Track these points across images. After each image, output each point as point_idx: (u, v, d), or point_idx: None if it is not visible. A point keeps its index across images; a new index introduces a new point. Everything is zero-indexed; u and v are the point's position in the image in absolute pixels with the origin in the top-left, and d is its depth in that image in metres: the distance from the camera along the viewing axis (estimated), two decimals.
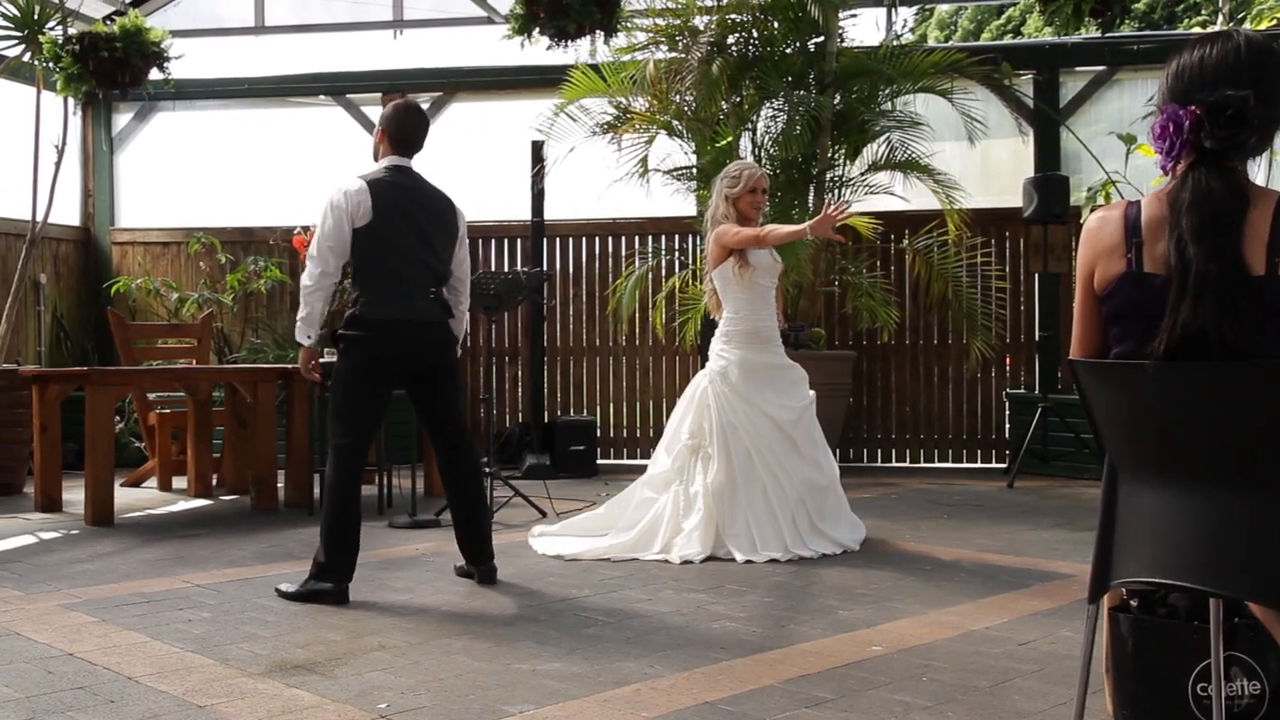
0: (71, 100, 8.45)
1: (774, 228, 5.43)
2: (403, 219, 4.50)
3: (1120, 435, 2.30)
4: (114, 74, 7.93)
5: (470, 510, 4.69)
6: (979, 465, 9.24)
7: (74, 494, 6.84)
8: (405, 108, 4.68)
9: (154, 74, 8.22)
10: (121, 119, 10.51)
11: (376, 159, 4.68)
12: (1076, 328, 2.46)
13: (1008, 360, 9.27)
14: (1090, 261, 2.40)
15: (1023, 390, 9.03)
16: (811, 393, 5.64)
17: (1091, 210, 7.75)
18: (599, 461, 9.02)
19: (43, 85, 8.12)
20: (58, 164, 8.05)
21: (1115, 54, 9.08)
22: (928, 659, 3.53)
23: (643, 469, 5.80)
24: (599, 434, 9.31)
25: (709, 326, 5.93)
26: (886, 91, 8.49)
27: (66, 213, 10.00)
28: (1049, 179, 8.12)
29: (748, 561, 5.10)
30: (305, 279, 4.50)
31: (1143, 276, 2.30)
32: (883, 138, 8.49)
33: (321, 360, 4.82)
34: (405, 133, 4.63)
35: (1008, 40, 20.33)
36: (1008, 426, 9.07)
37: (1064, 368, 9.00)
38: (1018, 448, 8.25)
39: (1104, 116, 9.13)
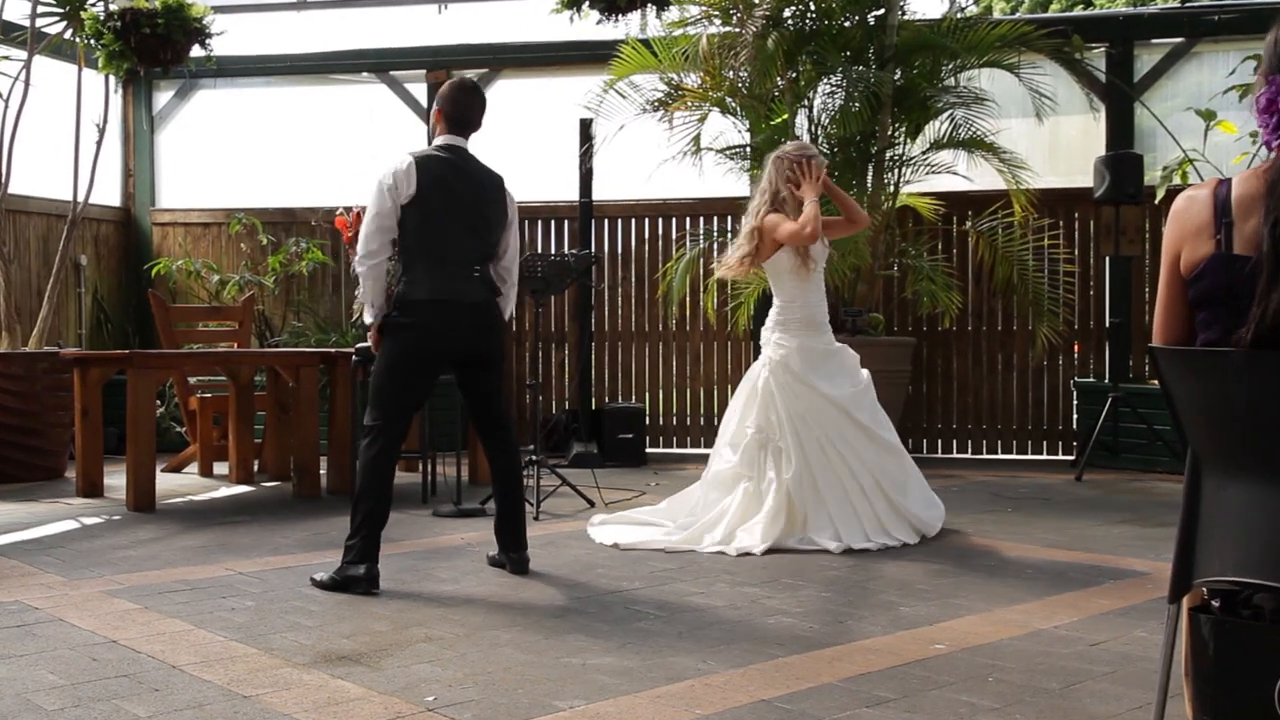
0: (113, 78, 8.54)
1: (804, 220, 5.35)
2: (450, 197, 4.54)
3: (1205, 427, 2.26)
4: (156, 51, 8.00)
5: (507, 499, 4.74)
6: (1045, 457, 9.14)
7: (115, 479, 6.94)
8: (460, 86, 4.72)
9: (196, 51, 8.28)
10: (162, 97, 10.63)
11: (433, 138, 4.74)
12: (1159, 313, 2.41)
13: (1076, 347, 9.15)
14: (1177, 243, 2.34)
15: (1092, 379, 8.92)
16: (866, 373, 5.63)
17: (1166, 190, 7.67)
18: (648, 450, 9.01)
19: (84, 63, 8.23)
20: (99, 143, 8.16)
21: (1194, 25, 8.91)
22: (994, 659, 3.50)
23: (694, 458, 5.81)
24: (648, 422, 9.31)
25: (762, 311, 5.93)
26: (950, 66, 8.39)
27: (107, 193, 10.13)
28: (1122, 157, 7.98)
29: (845, 551, 5.13)
30: (355, 260, 4.59)
31: (1231, 259, 2.25)
32: (945, 115, 8.40)
33: (364, 345, 4.86)
34: (461, 111, 4.67)
35: (1078, 11, 20.03)
36: (1075, 417, 8.96)
37: (1135, 355, 8.89)
38: (1086, 439, 8.15)
39: (1181, 91, 8.97)
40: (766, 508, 5.28)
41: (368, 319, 4.64)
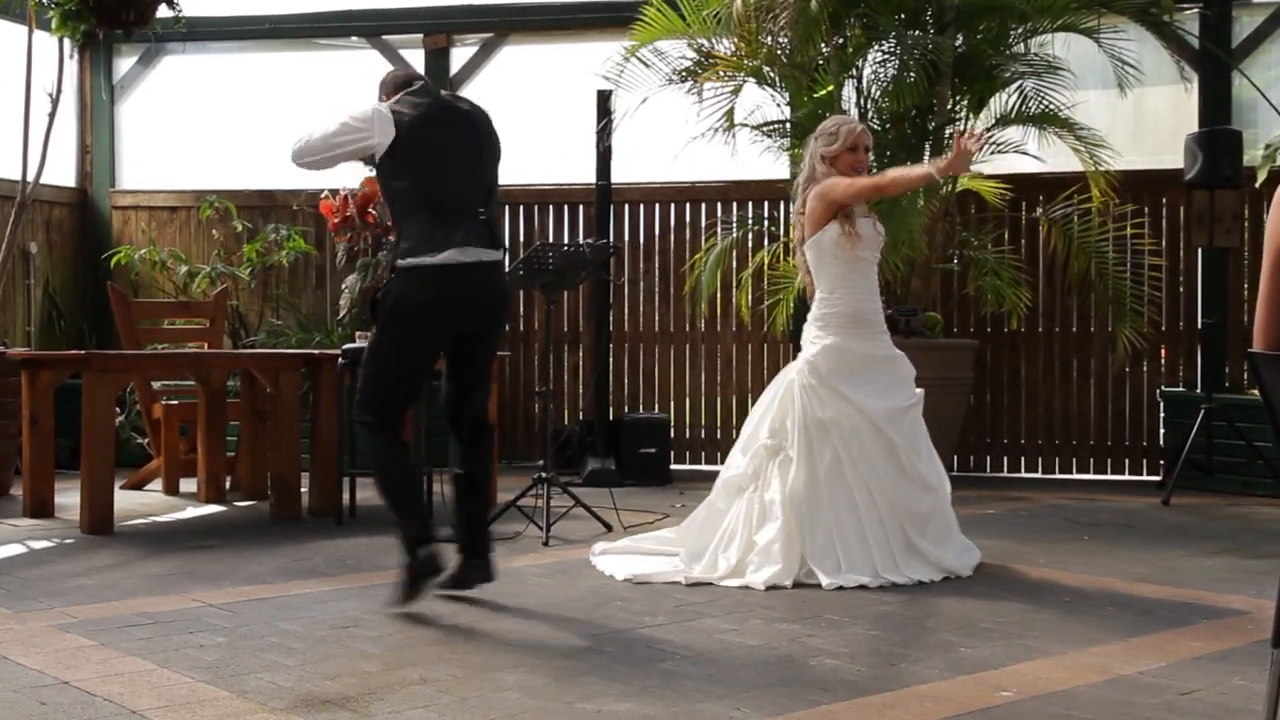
0: (68, 42, 8.58)
1: (894, 172, 5.39)
2: (432, 133, 4.67)
3: None
4: (117, 11, 8.01)
5: (466, 510, 4.79)
6: (1127, 477, 9.10)
7: (68, 497, 6.96)
8: (393, 75, 5.08)
9: (162, 11, 8.31)
10: (124, 63, 10.68)
11: None
12: (1261, 313, 2.39)
13: (1163, 352, 9.11)
14: None
15: (1181, 388, 8.87)
16: (919, 391, 5.57)
17: (1269, 172, 7.61)
18: (673, 467, 9.01)
19: (35, 24, 8.26)
20: (51, 115, 8.18)
21: None
22: (1069, 708, 3.48)
23: None
24: (673, 434, 9.31)
25: (804, 309, 5.94)
26: (1019, 30, 8.36)
27: (61, 172, 10.18)
28: (1217, 134, 7.94)
29: (837, 588, 5.04)
30: (297, 153, 4.89)
31: None
32: (1014, 86, 8.36)
33: (350, 346, 4.94)
34: (404, 76, 4.98)
35: None
36: (1162, 431, 8.92)
37: (1232, 361, 8.83)
38: (1175, 457, 8.10)
39: None
40: (777, 525, 5.24)
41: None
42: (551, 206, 9.83)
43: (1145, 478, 9.01)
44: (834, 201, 5.40)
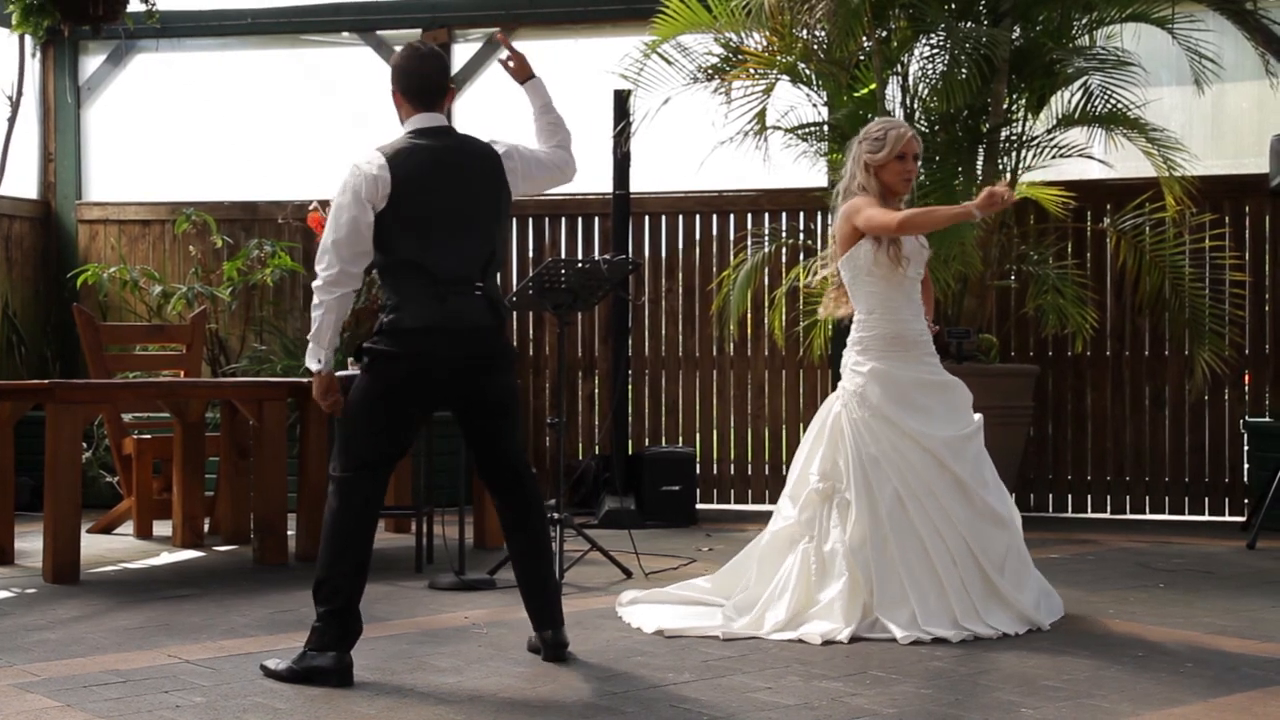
0: (29, 39, 8.66)
1: (921, 212, 5.37)
2: (431, 195, 4.62)
3: None
4: (84, 5, 8.11)
5: (528, 573, 4.78)
6: (1206, 518, 9.07)
7: (29, 542, 7.00)
8: (410, 54, 4.85)
9: (134, 4, 8.39)
10: (92, 62, 10.73)
11: (403, 124, 4.83)
12: None
13: (1246, 378, 9.08)
14: None
15: (1267, 418, 8.83)
16: (978, 417, 5.57)
17: None
18: (699, 506, 9.00)
19: None
20: (11, 120, 8.28)
21: None
22: None
23: (757, 516, 5.77)
24: (699, 470, 9.32)
25: (843, 331, 5.93)
26: (1083, 21, 8.38)
27: (21, 183, 10.23)
28: None
29: (914, 642, 5.04)
30: (315, 284, 4.67)
31: None
32: (1078, 83, 8.37)
33: (343, 374, 4.94)
34: (419, 82, 4.77)
35: None
36: (1246, 467, 8.89)
37: None
38: (1261, 495, 8.06)
39: None
40: (843, 581, 5.24)
41: (313, 365, 4.70)
42: (564, 219, 9.87)
43: (1227, 518, 8.98)
44: (855, 228, 5.45)
